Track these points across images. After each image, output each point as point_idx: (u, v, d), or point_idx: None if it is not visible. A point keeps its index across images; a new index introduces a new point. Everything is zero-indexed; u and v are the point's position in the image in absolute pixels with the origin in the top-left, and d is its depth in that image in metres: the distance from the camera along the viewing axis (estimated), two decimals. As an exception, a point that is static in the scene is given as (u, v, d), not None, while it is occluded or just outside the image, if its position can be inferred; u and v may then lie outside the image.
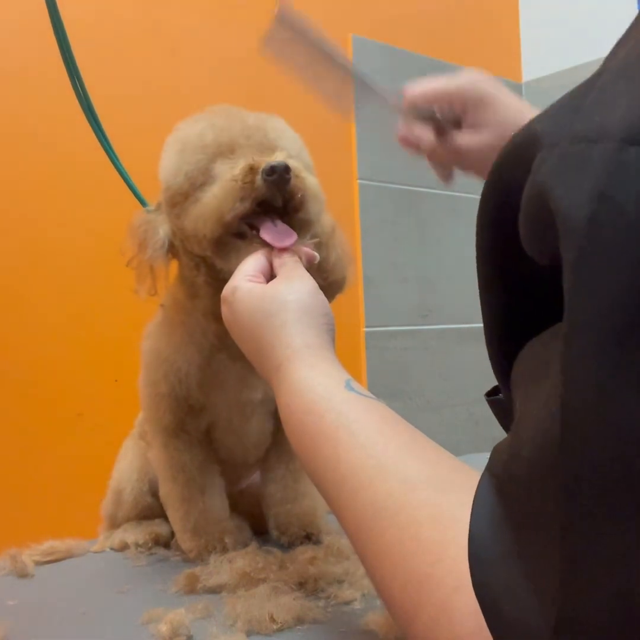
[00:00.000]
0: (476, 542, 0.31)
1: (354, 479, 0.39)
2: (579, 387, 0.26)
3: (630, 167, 0.25)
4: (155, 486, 0.80)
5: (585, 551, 0.26)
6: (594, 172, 0.26)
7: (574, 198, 0.26)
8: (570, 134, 0.28)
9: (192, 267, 0.69)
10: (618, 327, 0.25)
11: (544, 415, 0.28)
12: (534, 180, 0.29)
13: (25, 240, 1.10)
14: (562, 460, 0.26)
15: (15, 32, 1.09)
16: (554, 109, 0.31)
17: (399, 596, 0.34)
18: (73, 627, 0.58)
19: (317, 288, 0.55)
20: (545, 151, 0.29)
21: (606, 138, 0.26)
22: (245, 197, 0.61)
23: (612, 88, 0.28)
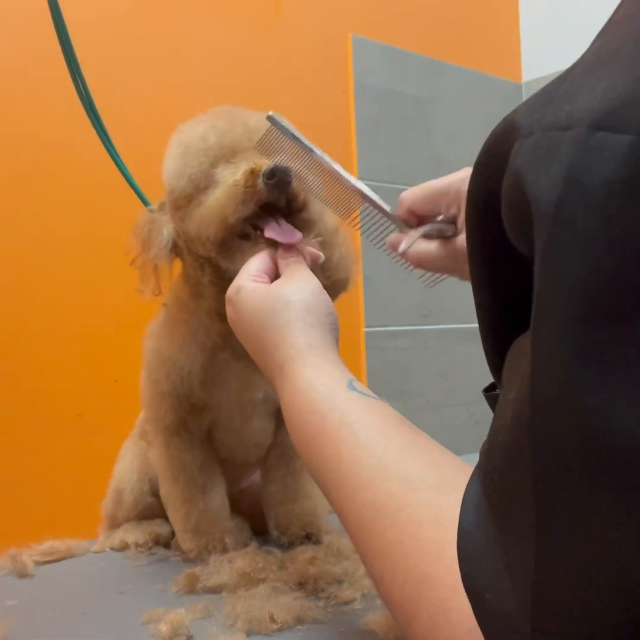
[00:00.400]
0: (464, 536, 0.31)
1: (355, 479, 0.39)
2: (546, 369, 0.27)
3: (596, 151, 0.26)
4: (156, 486, 0.81)
5: (557, 530, 0.27)
6: (563, 158, 0.27)
7: (544, 183, 0.27)
8: (543, 122, 0.29)
9: (197, 267, 0.69)
10: (583, 310, 0.26)
11: (516, 401, 0.29)
12: (510, 170, 0.30)
13: (25, 240, 1.10)
14: (531, 440, 0.27)
15: (17, 32, 1.09)
16: (530, 101, 0.32)
17: (398, 596, 0.34)
18: (73, 627, 0.58)
19: (321, 288, 0.55)
20: (520, 141, 0.29)
21: (575, 125, 0.27)
22: (247, 201, 0.61)
23: (583, 79, 0.29)
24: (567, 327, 0.26)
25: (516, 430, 0.28)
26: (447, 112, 1.65)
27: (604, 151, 0.26)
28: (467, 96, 1.69)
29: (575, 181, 0.26)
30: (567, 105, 0.28)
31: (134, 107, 1.18)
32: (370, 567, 0.37)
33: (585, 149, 0.26)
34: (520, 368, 0.30)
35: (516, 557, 0.28)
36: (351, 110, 1.48)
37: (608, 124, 0.26)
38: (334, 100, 1.47)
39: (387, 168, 1.52)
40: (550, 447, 0.27)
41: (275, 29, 1.38)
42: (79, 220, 1.13)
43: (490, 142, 0.34)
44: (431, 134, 1.62)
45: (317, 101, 1.43)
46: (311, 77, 1.43)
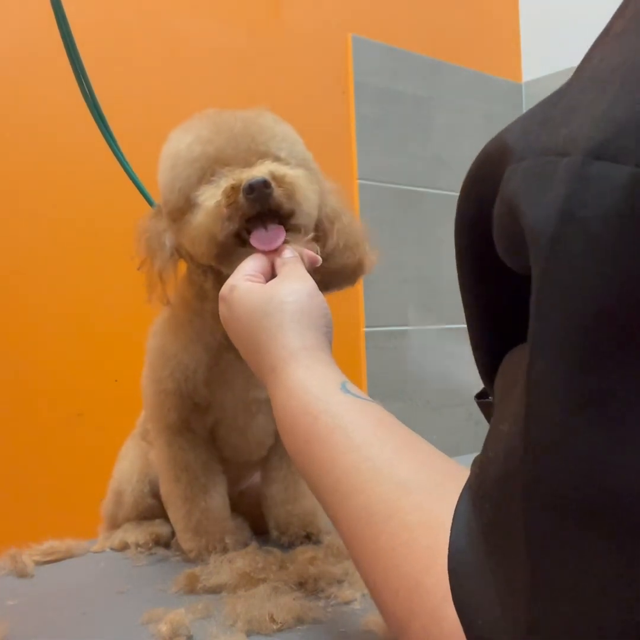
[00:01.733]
0: (455, 556, 0.31)
1: (348, 482, 0.38)
2: (540, 408, 0.26)
3: (593, 182, 0.24)
4: (156, 488, 0.80)
5: (549, 562, 0.26)
6: (558, 188, 0.25)
7: (538, 215, 0.26)
8: (537, 147, 0.28)
9: (200, 273, 0.70)
10: (578, 348, 0.25)
11: (510, 434, 0.28)
12: (502, 197, 0.29)
13: (25, 239, 1.10)
14: (523, 480, 0.26)
15: (21, 32, 1.09)
16: (524, 119, 0.30)
17: (391, 603, 0.34)
18: (73, 627, 0.58)
19: (316, 289, 0.55)
20: (513, 166, 0.28)
21: (571, 151, 0.26)
22: (232, 217, 0.61)
23: (581, 98, 0.27)
24: (562, 367, 0.25)
25: (508, 467, 0.28)
26: (447, 112, 1.65)
27: (602, 183, 0.24)
28: (467, 96, 1.69)
29: (571, 214, 0.25)
30: (563, 127, 0.27)
31: (136, 106, 1.18)
32: (363, 573, 0.37)
33: (582, 180, 0.25)
34: (513, 395, 0.29)
35: (507, 588, 0.28)
36: (351, 110, 1.48)
37: (606, 152, 0.24)
38: (334, 100, 1.47)
39: (387, 168, 1.52)
40: (542, 487, 0.26)
41: (275, 29, 1.38)
42: (80, 219, 1.13)
43: (481, 161, 0.33)
44: (431, 134, 1.62)
45: (317, 101, 1.43)
46: (311, 77, 1.43)
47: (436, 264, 1.60)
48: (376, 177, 1.49)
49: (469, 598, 0.29)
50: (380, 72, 1.54)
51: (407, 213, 1.56)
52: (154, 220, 0.70)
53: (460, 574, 0.30)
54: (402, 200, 1.55)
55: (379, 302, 1.50)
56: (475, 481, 0.31)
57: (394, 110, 1.55)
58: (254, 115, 0.68)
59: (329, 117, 1.45)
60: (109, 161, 0.78)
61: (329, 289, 0.73)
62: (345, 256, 0.71)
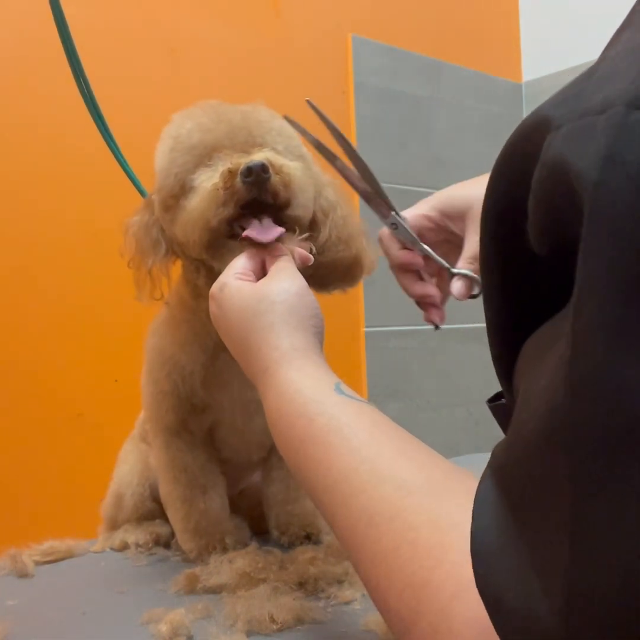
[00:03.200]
0: (478, 539, 0.30)
1: (346, 484, 0.38)
2: (587, 350, 0.26)
3: (636, 129, 0.25)
4: (156, 491, 0.80)
5: (596, 524, 0.25)
6: (600, 138, 0.26)
7: (583, 164, 0.26)
8: (576, 112, 0.28)
9: (193, 269, 0.69)
10: (623, 288, 0.25)
11: (549, 385, 0.27)
12: (543, 162, 0.29)
13: (24, 239, 1.10)
14: (570, 426, 0.26)
15: (19, 28, 1.09)
16: (558, 94, 0.31)
17: (395, 603, 0.33)
18: (73, 627, 0.58)
19: (306, 289, 0.54)
20: (552, 134, 0.29)
21: (610, 106, 0.26)
22: (227, 202, 0.61)
23: (614, 67, 0.28)
24: (609, 303, 0.25)
25: (550, 417, 0.27)
26: (447, 112, 1.65)
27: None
28: (467, 96, 1.69)
29: (614, 160, 0.25)
30: (600, 92, 0.28)
31: (136, 106, 1.18)
32: (364, 575, 0.37)
33: (623, 127, 0.25)
34: (548, 356, 0.29)
35: (546, 554, 0.27)
36: (351, 110, 1.48)
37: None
38: (334, 100, 1.47)
39: (387, 168, 1.52)
40: (590, 433, 0.25)
41: (275, 29, 1.38)
42: (78, 219, 1.14)
43: (517, 136, 0.33)
44: (431, 134, 1.62)
45: (317, 101, 1.42)
46: (311, 77, 1.43)
47: (436, 264, 1.60)
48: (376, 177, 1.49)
49: (496, 575, 0.29)
50: (380, 72, 1.54)
51: (407, 213, 1.56)
52: (141, 214, 0.70)
53: (486, 554, 0.29)
54: (402, 200, 1.55)
55: (379, 302, 1.50)
56: (503, 455, 0.31)
57: (394, 110, 1.55)
58: (252, 110, 0.68)
59: (329, 117, 1.45)
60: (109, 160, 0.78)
61: (326, 286, 0.72)
62: (338, 249, 0.70)
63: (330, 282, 0.71)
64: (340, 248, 0.70)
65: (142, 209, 0.70)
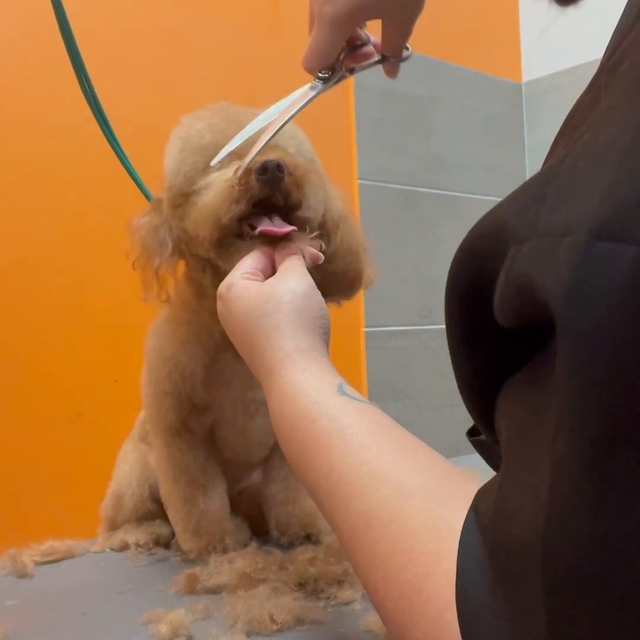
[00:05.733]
0: (464, 593, 0.30)
1: (346, 487, 0.38)
2: (563, 492, 0.25)
3: (597, 263, 0.24)
4: (156, 492, 0.80)
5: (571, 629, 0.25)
6: (564, 266, 0.25)
7: (549, 293, 0.26)
8: (538, 226, 0.27)
9: (199, 269, 0.69)
10: (593, 432, 0.24)
11: (531, 501, 0.27)
12: (510, 278, 0.29)
13: (24, 239, 1.10)
14: (543, 557, 0.26)
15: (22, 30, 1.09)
16: (517, 197, 0.30)
17: (392, 609, 0.33)
18: (73, 627, 0.58)
19: (314, 288, 0.54)
20: (516, 247, 0.28)
21: (572, 231, 0.25)
22: (240, 199, 0.61)
23: (577, 175, 0.27)
24: (580, 445, 0.25)
25: (528, 538, 0.27)
26: (447, 112, 1.65)
27: (607, 264, 0.24)
28: (467, 96, 1.69)
29: (577, 296, 0.24)
30: (562, 205, 0.27)
31: (137, 105, 1.18)
32: (363, 578, 0.37)
33: (585, 261, 0.24)
34: (529, 450, 0.28)
35: (522, 622, 0.27)
36: (351, 110, 1.48)
37: (609, 232, 0.24)
38: (334, 100, 1.47)
39: (387, 168, 1.52)
40: (562, 568, 0.25)
41: (275, 28, 1.38)
42: (79, 218, 1.13)
43: (476, 236, 0.33)
44: (431, 134, 1.62)
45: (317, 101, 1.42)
46: (311, 77, 1.42)
47: (436, 264, 1.60)
48: (376, 177, 1.49)
49: (480, 633, 0.29)
50: (380, 72, 1.54)
51: (407, 213, 1.56)
52: (149, 216, 0.70)
53: (471, 613, 0.29)
54: (402, 200, 1.55)
55: (379, 302, 1.50)
56: (489, 524, 0.30)
57: (394, 110, 1.55)
58: None
59: (329, 117, 1.45)
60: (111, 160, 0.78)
61: (326, 296, 0.72)
62: (347, 260, 0.70)
63: (333, 292, 0.71)
64: (349, 260, 0.70)
65: (150, 210, 0.71)
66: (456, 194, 1.62)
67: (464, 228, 0.36)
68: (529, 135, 1.79)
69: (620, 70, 0.29)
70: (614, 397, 0.24)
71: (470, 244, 0.34)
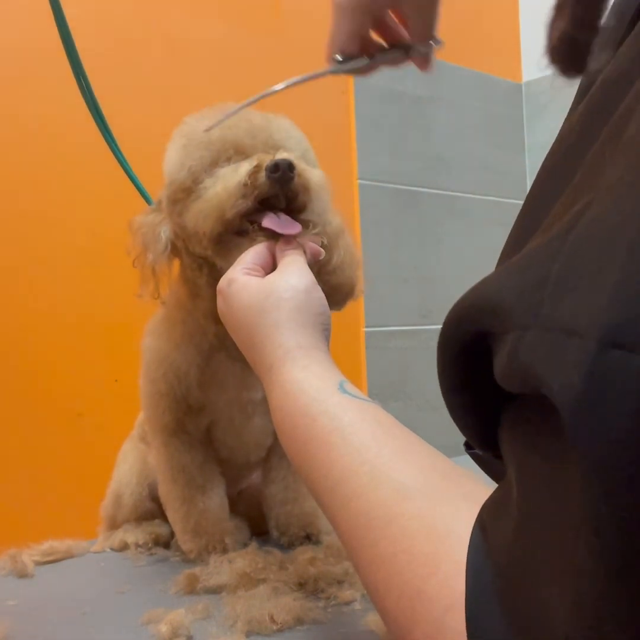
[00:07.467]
0: (475, 622, 0.29)
1: (347, 486, 0.38)
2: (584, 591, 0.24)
3: (611, 375, 0.23)
4: (155, 491, 0.80)
5: None
6: (574, 371, 0.24)
7: (559, 396, 0.24)
8: (542, 317, 0.26)
9: (195, 268, 0.69)
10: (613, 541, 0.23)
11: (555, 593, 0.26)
12: (512, 367, 0.28)
13: (24, 239, 1.10)
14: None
15: (21, 32, 1.09)
16: (516, 270, 0.29)
17: (393, 609, 0.33)
18: (73, 627, 0.58)
19: (315, 285, 0.54)
20: (517, 332, 0.27)
21: (582, 333, 0.24)
22: (247, 195, 0.60)
23: (584, 259, 0.26)
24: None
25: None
26: (447, 112, 1.65)
27: (617, 376, 0.23)
28: (467, 96, 1.69)
29: (587, 411, 0.23)
30: (567, 294, 0.25)
31: (136, 106, 1.18)
32: (364, 578, 0.36)
33: (596, 371, 0.23)
34: (548, 506, 0.27)
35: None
36: (351, 110, 1.48)
37: (620, 341, 0.23)
38: (334, 100, 1.47)
39: (387, 168, 1.52)
40: None
41: (275, 28, 1.38)
42: (79, 219, 1.13)
43: (467, 308, 0.33)
44: (431, 134, 1.62)
45: (317, 101, 1.42)
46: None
47: (436, 264, 1.60)
48: (376, 177, 1.49)
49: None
50: (380, 72, 1.54)
51: (407, 213, 1.56)
52: (151, 216, 0.70)
53: (480, 629, 0.29)
54: (402, 200, 1.55)
55: (379, 302, 1.50)
56: (505, 554, 0.29)
57: (394, 110, 1.55)
58: (272, 116, 0.68)
59: (329, 117, 1.45)
60: (109, 161, 0.78)
61: None
62: (347, 273, 0.70)
63: (328, 303, 0.71)
64: (347, 274, 0.70)
65: (151, 210, 0.71)
66: (456, 193, 1.62)
67: (464, 228, 0.36)
68: (529, 135, 1.79)
69: (626, 137, 0.27)
70: (625, 513, 0.23)
71: (456, 317, 0.34)
